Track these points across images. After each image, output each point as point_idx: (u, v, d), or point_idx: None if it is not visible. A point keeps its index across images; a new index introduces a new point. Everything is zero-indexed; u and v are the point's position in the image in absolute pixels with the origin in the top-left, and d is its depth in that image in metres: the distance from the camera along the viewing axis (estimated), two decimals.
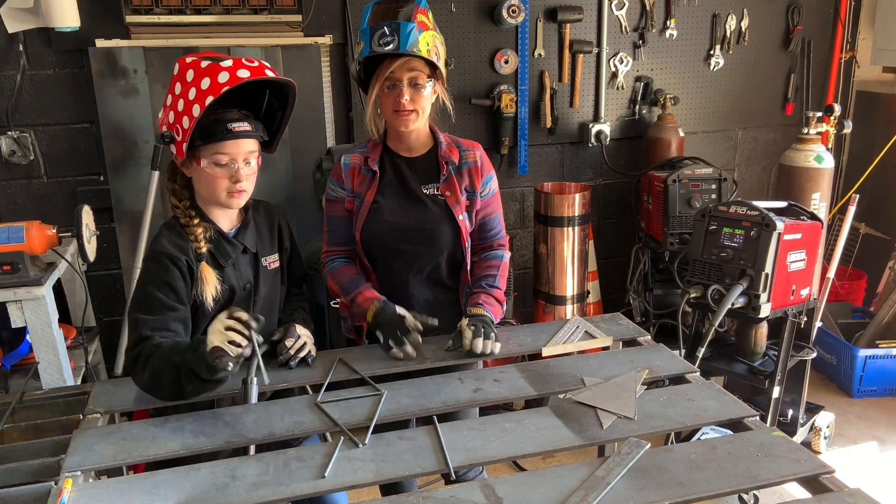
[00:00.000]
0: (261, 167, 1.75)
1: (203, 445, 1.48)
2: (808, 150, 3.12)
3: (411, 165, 1.94)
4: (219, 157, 1.64)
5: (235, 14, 3.01)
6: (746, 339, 2.77)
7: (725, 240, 2.58)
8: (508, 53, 3.43)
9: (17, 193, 3.04)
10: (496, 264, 1.99)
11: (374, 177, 1.91)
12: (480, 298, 1.91)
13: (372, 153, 1.93)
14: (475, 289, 1.95)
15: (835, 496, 1.31)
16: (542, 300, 3.43)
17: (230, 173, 1.65)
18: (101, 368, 3.07)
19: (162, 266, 1.63)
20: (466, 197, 1.94)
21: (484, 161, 1.96)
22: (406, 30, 1.74)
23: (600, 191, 3.78)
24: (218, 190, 1.66)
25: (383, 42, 1.74)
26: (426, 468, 1.41)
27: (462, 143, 1.98)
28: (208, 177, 1.65)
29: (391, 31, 1.74)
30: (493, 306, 1.92)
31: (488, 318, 1.86)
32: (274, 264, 1.84)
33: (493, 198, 2.00)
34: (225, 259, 1.72)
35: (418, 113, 1.83)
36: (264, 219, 1.85)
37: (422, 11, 1.79)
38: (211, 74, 1.57)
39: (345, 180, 1.93)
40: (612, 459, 1.40)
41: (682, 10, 3.63)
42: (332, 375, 1.74)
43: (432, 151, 1.94)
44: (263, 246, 1.82)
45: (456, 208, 1.91)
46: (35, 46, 2.91)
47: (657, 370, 1.78)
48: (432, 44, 1.79)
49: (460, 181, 1.92)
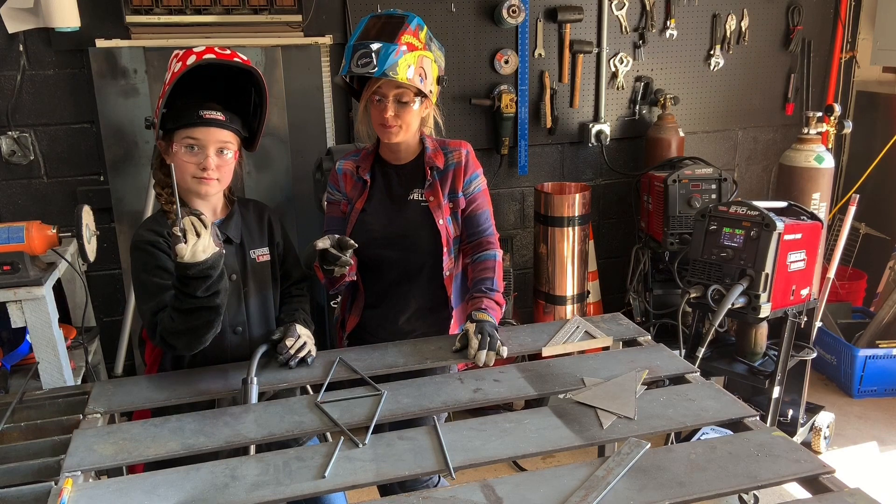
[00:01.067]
0: (261, 167, 1.76)
1: (203, 445, 1.48)
2: (808, 150, 3.12)
3: (399, 173, 1.99)
4: (188, 140, 1.69)
5: (235, 14, 3.01)
6: (746, 339, 2.77)
7: (725, 240, 2.58)
8: (508, 53, 3.43)
9: (17, 193, 3.04)
10: (491, 265, 1.98)
11: (365, 185, 1.97)
12: (483, 303, 1.91)
13: (364, 162, 1.98)
14: (475, 292, 1.96)
15: (835, 496, 1.31)
16: (542, 300, 3.43)
17: (199, 160, 1.70)
18: (101, 368, 3.08)
19: (146, 252, 1.69)
20: (449, 199, 1.96)
21: (469, 160, 1.98)
22: (386, 52, 1.75)
23: (600, 191, 3.78)
24: (186, 175, 1.70)
25: (362, 63, 1.76)
26: (426, 468, 1.41)
27: (449, 144, 2.00)
28: (180, 162, 1.70)
29: (371, 53, 1.76)
30: (495, 310, 1.93)
31: (491, 325, 1.86)
32: (263, 258, 1.87)
33: (479, 194, 2.01)
34: None
35: (402, 128, 1.87)
36: (253, 214, 1.89)
37: (410, 32, 1.80)
38: (184, 58, 1.67)
39: (340, 184, 2.00)
40: (612, 459, 1.40)
41: (682, 10, 3.63)
42: (332, 375, 1.74)
43: (419, 158, 1.98)
44: (252, 238, 1.85)
45: (437, 212, 1.93)
46: (35, 46, 2.91)
47: (657, 370, 1.78)
48: (417, 65, 1.80)
49: (444, 185, 1.95)
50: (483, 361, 1.78)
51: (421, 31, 1.83)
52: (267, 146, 3.08)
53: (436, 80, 1.90)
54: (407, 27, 1.80)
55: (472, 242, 2.02)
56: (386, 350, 1.91)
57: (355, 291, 2.05)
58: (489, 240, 2.02)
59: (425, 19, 1.92)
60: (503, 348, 1.82)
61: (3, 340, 2.66)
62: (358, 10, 3.19)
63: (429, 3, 3.30)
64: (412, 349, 1.91)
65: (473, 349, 1.80)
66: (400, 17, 1.84)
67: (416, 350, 1.90)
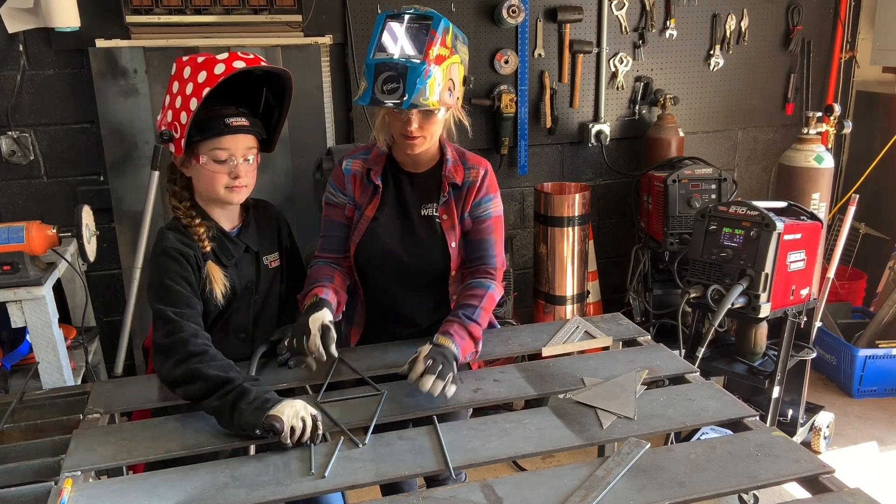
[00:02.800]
0: (261, 167, 1.76)
1: (203, 445, 1.48)
2: (808, 150, 3.12)
3: (414, 182, 1.84)
4: (217, 152, 1.64)
5: (235, 14, 3.01)
6: (746, 339, 2.77)
7: (725, 240, 2.58)
8: (508, 53, 3.43)
9: (17, 193, 3.04)
10: (480, 294, 1.79)
11: (377, 191, 1.82)
12: (453, 328, 1.71)
13: (375, 165, 1.83)
14: (451, 316, 1.76)
15: (835, 496, 1.31)
16: (542, 300, 3.43)
17: (229, 169, 1.66)
18: (101, 368, 3.07)
19: (175, 261, 1.64)
20: (461, 220, 1.83)
21: (485, 182, 1.83)
22: (414, 75, 1.57)
23: (600, 191, 3.78)
24: (217, 186, 1.67)
25: (388, 89, 1.59)
26: (426, 468, 1.41)
27: (469, 159, 1.85)
28: (207, 173, 1.66)
29: (398, 76, 1.58)
30: (464, 340, 1.71)
31: (450, 353, 1.64)
32: (274, 263, 1.85)
33: (487, 220, 1.84)
34: (228, 258, 1.73)
35: (426, 138, 1.72)
36: (264, 218, 1.86)
37: (439, 41, 1.61)
38: (207, 67, 1.58)
39: (346, 186, 1.85)
40: (612, 459, 1.40)
41: (682, 10, 3.63)
42: (332, 375, 1.74)
43: (437, 168, 1.84)
44: (264, 245, 1.83)
45: (450, 234, 1.81)
46: (35, 46, 2.91)
47: (657, 370, 1.78)
48: (446, 77, 1.63)
49: (458, 203, 1.82)
50: (427, 388, 1.56)
51: (448, 34, 1.64)
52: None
53: (462, 82, 1.73)
54: (434, 36, 1.61)
55: (470, 269, 1.87)
56: (386, 350, 1.90)
57: (355, 304, 1.97)
58: (488, 270, 1.85)
59: None
60: (451, 386, 1.59)
61: (3, 340, 2.66)
62: (358, 9, 3.19)
63: (429, 4, 3.25)
64: (412, 349, 1.90)
65: (416, 373, 1.58)
66: (425, 20, 1.63)
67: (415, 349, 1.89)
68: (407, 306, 1.92)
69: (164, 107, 1.66)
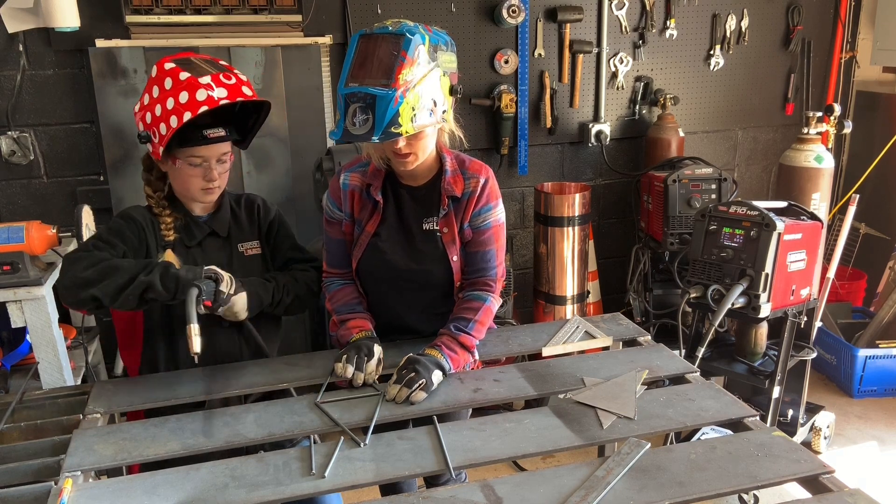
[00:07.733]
0: (261, 167, 1.77)
1: (203, 445, 1.48)
2: (808, 150, 3.12)
3: (414, 196, 1.81)
4: (193, 159, 1.72)
5: (235, 14, 3.01)
6: (746, 339, 2.77)
7: (725, 240, 2.58)
8: (508, 53, 3.43)
9: (17, 193, 3.04)
10: (476, 307, 1.78)
11: (377, 207, 1.79)
12: (443, 340, 1.74)
13: (374, 179, 1.79)
14: (443, 329, 1.78)
15: (835, 496, 1.31)
16: (542, 300, 3.43)
17: (204, 172, 1.73)
18: (101, 368, 3.08)
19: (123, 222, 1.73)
20: (460, 232, 1.81)
21: (486, 191, 1.79)
22: (383, 104, 1.52)
23: (600, 191, 3.78)
24: (192, 187, 1.75)
25: (359, 122, 1.55)
26: (426, 468, 1.41)
27: (469, 168, 1.81)
28: (183, 175, 1.73)
29: (367, 107, 1.54)
30: (455, 352, 1.73)
31: (432, 360, 1.68)
32: (252, 251, 1.87)
33: (487, 230, 1.81)
34: (190, 240, 1.79)
35: (417, 155, 1.69)
36: (244, 207, 1.90)
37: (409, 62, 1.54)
38: (189, 89, 1.62)
39: (343, 202, 1.82)
40: (612, 459, 1.40)
41: (682, 10, 3.63)
42: (332, 376, 1.74)
43: (437, 179, 1.80)
44: (241, 232, 1.86)
45: (451, 248, 1.79)
46: (35, 46, 2.91)
47: (657, 370, 1.78)
48: (422, 98, 1.57)
49: (458, 214, 1.80)
50: (392, 396, 1.62)
51: (422, 50, 1.57)
52: (267, 146, 3.08)
53: (448, 93, 1.65)
54: (405, 58, 1.54)
55: (469, 280, 1.84)
56: (386, 350, 1.90)
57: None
58: (487, 282, 1.83)
59: (426, 20, 1.77)
60: (420, 393, 1.61)
61: (3, 340, 2.66)
62: (358, 9, 3.19)
63: (429, 3, 3.29)
64: (412, 349, 1.90)
65: (391, 382, 1.65)
66: (394, 39, 1.56)
67: (416, 350, 1.89)
68: (411, 319, 1.90)
69: (143, 105, 1.69)
